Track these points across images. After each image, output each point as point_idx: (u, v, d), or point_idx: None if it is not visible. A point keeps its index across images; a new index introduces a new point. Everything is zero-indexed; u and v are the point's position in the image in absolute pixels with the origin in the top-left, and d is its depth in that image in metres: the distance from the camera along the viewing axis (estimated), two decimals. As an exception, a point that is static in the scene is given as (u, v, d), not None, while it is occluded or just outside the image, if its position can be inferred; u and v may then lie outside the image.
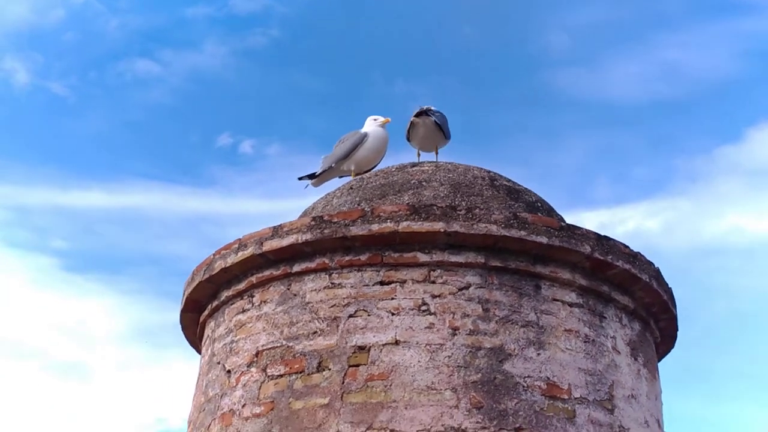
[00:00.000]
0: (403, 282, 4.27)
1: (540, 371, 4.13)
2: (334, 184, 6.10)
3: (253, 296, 4.61)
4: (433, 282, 4.26)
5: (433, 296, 4.22)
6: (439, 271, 4.28)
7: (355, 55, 19.16)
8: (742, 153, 17.83)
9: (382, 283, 4.28)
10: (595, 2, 18.41)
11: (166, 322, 19.84)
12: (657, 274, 4.75)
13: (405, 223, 4.27)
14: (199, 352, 5.63)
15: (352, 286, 4.31)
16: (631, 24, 18.33)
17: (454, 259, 4.28)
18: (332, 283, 4.35)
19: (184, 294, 5.09)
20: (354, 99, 19.20)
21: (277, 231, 4.50)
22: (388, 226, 4.28)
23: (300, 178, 6.19)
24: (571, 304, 4.39)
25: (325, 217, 4.41)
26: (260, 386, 4.27)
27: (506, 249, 4.32)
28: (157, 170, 19.66)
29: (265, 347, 4.36)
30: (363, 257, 4.34)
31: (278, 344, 4.32)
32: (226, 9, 19.32)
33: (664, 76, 18.46)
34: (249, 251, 4.55)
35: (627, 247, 4.61)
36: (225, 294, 4.77)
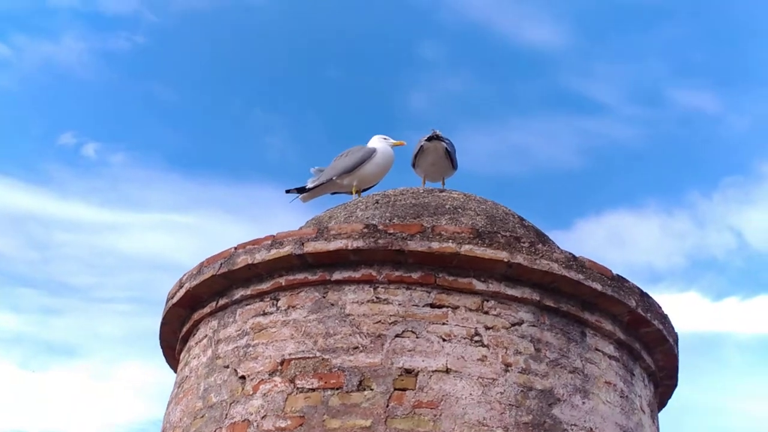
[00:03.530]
0: (455, 308, 4.02)
1: (585, 421, 3.98)
2: (321, 204, 5.80)
3: (278, 299, 4.21)
4: (486, 312, 4.04)
5: (486, 327, 4.00)
6: (492, 302, 4.07)
7: (217, 76, 18.66)
8: (570, 241, 18.89)
9: (432, 305, 4.02)
10: (459, 74, 19.10)
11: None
12: (677, 340, 4.75)
13: (467, 247, 4.05)
14: (168, 353, 5.13)
15: (399, 304, 4.02)
16: (489, 102, 19.16)
17: (510, 292, 4.09)
18: (377, 298, 4.05)
19: (182, 286, 4.61)
20: (209, 121, 18.70)
21: (322, 233, 4.16)
22: (450, 246, 4.04)
23: (288, 191, 5.82)
24: (610, 356, 4.29)
25: (380, 227, 4.12)
26: (286, 398, 3.87)
27: (559, 290, 4.18)
28: (-11, 157, 17.97)
29: (293, 356, 3.98)
30: (415, 275, 4.07)
31: (310, 355, 3.95)
32: (93, 6, 18.38)
33: (512, 157, 19.37)
34: (285, 250, 4.17)
35: (660, 307, 4.58)
36: (240, 292, 4.35)
